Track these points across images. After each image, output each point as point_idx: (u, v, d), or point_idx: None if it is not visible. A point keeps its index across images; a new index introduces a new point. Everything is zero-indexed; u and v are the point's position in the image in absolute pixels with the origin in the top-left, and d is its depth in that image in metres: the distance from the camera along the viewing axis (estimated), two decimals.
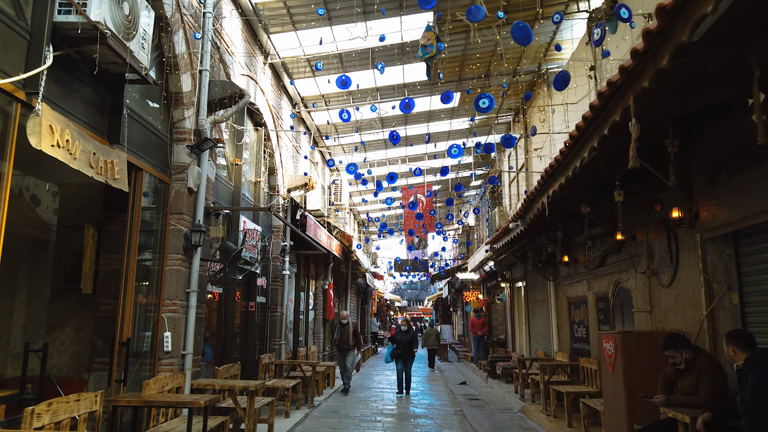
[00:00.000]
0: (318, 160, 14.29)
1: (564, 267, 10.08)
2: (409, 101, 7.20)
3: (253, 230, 8.77)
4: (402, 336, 12.22)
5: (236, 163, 8.26)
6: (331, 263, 15.74)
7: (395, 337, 12.50)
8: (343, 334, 12.12)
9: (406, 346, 12.10)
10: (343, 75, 6.91)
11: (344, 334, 12.10)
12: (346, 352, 12.14)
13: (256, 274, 9.15)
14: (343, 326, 12.13)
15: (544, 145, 11.75)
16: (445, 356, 23.56)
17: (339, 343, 12.14)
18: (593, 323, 8.84)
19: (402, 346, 12.09)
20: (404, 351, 12.10)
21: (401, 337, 12.23)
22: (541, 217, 7.35)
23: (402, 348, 12.10)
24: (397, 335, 12.46)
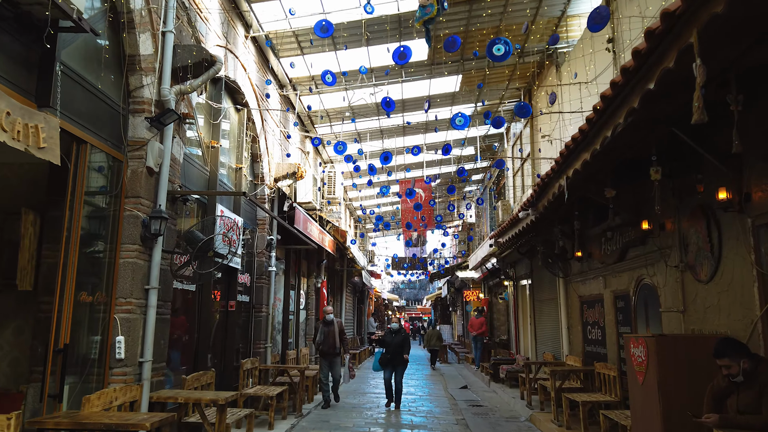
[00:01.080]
0: (310, 149, 13.40)
1: (576, 263, 9.21)
2: (405, 49, 6.24)
3: (231, 221, 7.88)
4: (392, 338, 10.24)
5: (213, 146, 7.38)
6: (324, 260, 14.86)
7: (384, 339, 10.46)
8: (327, 336, 9.95)
9: (396, 350, 10.11)
10: (323, 20, 5.98)
11: (329, 335, 9.94)
12: (332, 357, 10.03)
13: (237, 270, 8.26)
14: (327, 325, 9.97)
15: (552, 132, 10.88)
16: (445, 357, 22.69)
17: (323, 347, 10.00)
18: (610, 324, 7.98)
19: (391, 350, 10.13)
20: (394, 356, 10.11)
21: (391, 339, 10.24)
22: (557, 204, 6.48)
23: (391, 352, 10.13)
24: (386, 337, 10.42)
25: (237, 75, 7.99)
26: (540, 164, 11.53)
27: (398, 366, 10.19)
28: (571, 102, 9.02)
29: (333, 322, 10.01)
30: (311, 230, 11.19)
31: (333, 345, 9.97)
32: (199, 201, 7.17)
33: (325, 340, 9.92)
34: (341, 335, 10.11)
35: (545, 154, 10.95)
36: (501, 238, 9.65)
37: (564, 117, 8.56)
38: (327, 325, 10.00)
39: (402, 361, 10.19)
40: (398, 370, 10.19)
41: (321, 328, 9.96)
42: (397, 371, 10.19)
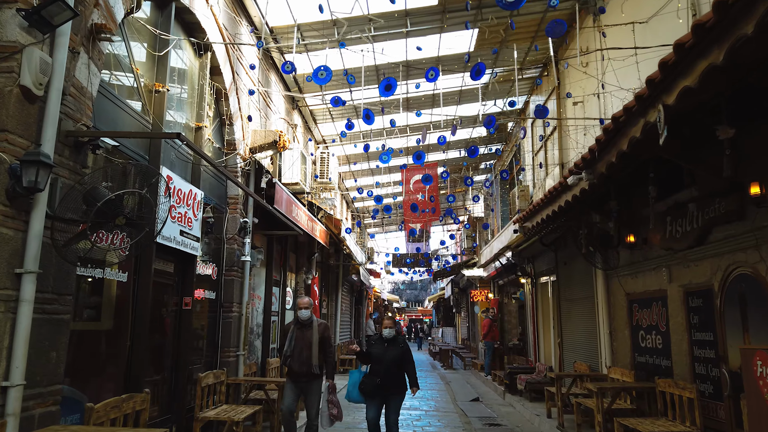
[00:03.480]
0: (298, 121, 11.55)
1: (624, 251, 7.39)
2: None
3: (186, 193, 6.05)
4: (382, 350, 6.21)
5: (158, 90, 5.54)
6: (315, 253, 13.01)
7: (370, 351, 6.36)
8: (299, 345, 6.10)
9: (389, 371, 6.07)
10: None
11: (302, 344, 6.11)
12: (305, 382, 6.11)
13: (195, 257, 6.42)
14: (302, 327, 6.18)
15: (584, 99, 9.05)
16: (449, 363, 20.83)
17: (292, 364, 6.11)
18: (678, 329, 6.14)
19: (382, 370, 6.05)
20: (387, 380, 6.04)
21: (381, 351, 6.19)
22: (625, 162, 4.66)
23: (383, 374, 6.03)
24: (373, 348, 6.37)
25: (195, 4, 6.16)
26: (568, 139, 9.71)
27: (392, 398, 6.09)
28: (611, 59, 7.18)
29: (311, 324, 6.18)
30: (298, 215, 9.36)
31: (308, 360, 6.02)
32: (138, 164, 5.33)
33: (296, 351, 6.07)
34: (324, 345, 6.24)
35: (578, 125, 9.12)
36: (529, 221, 7.80)
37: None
38: (301, 328, 6.16)
39: (398, 389, 6.12)
40: (392, 403, 6.10)
41: (292, 330, 6.21)
42: (389, 406, 6.11)
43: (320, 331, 6.26)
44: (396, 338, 6.36)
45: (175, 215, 5.73)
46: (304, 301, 6.34)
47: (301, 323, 6.21)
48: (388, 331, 6.35)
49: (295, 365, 6.09)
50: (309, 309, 6.25)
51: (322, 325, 6.39)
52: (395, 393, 6.16)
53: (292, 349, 6.10)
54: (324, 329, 6.33)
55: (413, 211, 12.87)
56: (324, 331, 6.33)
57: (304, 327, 6.19)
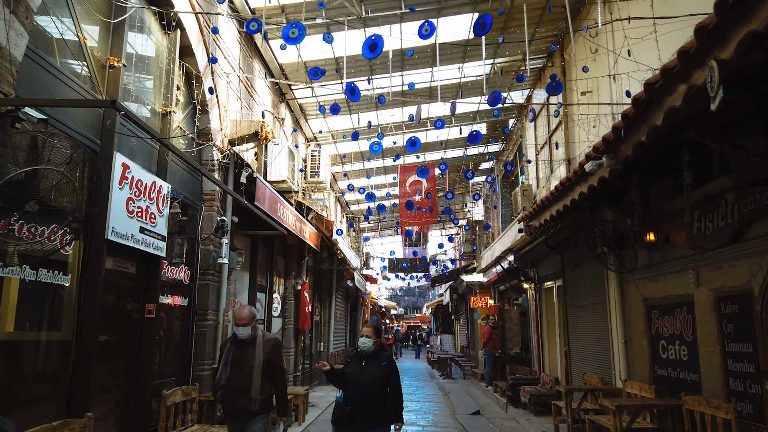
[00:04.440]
0: (286, 115, 10.83)
1: (642, 251, 6.66)
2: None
3: (149, 185, 5.31)
4: (359, 369, 4.48)
5: (112, 65, 4.81)
6: (306, 257, 12.26)
7: (345, 371, 4.56)
8: (237, 367, 4.50)
9: (365, 396, 4.34)
10: None
11: (239, 366, 4.49)
12: (245, 420, 4.50)
13: (160, 258, 5.67)
14: (242, 347, 4.55)
15: (591, 90, 8.36)
16: (448, 372, 20.03)
17: (223, 397, 4.53)
18: (708, 339, 5.41)
19: (355, 394, 4.34)
20: (361, 410, 4.31)
21: (358, 371, 4.47)
22: (653, 146, 3.94)
23: (355, 400, 4.32)
24: (348, 367, 4.58)
25: None
26: (575, 134, 9.00)
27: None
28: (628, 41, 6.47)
29: (255, 342, 4.54)
30: (284, 215, 8.62)
31: (246, 392, 4.42)
32: (89, 148, 4.60)
33: (232, 379, 4.47)
34: (272, 370, 4.57)
35: (583, 120, 8.40)
36: (536, 219, 7.05)
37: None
38: (241, 347, 4.54)
39: (378, 423, 4.37)
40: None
41: (228, 351, 4.57)
42: None
43: (266, 351, 4.50)
44: (378, 353, 4.51)
45: (133, 209, 4.99)
46: (242, 314, 4.50)
47: (240, 341, 4.53)
48: (364, 343, 4.48)
49: (229, 399, 4.45)
50: (249, 325, 4.49)
51: (270, 342, 4.61)
52: (373, 428, 4.32)
53: (226, 377, 4.45)
54: (272, 348, 4.58)
55: (409, 209, 12.12)
56: (272, 350, 4.56)
57: (245, 346, 4.52)
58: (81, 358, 4.40)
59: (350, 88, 5.44)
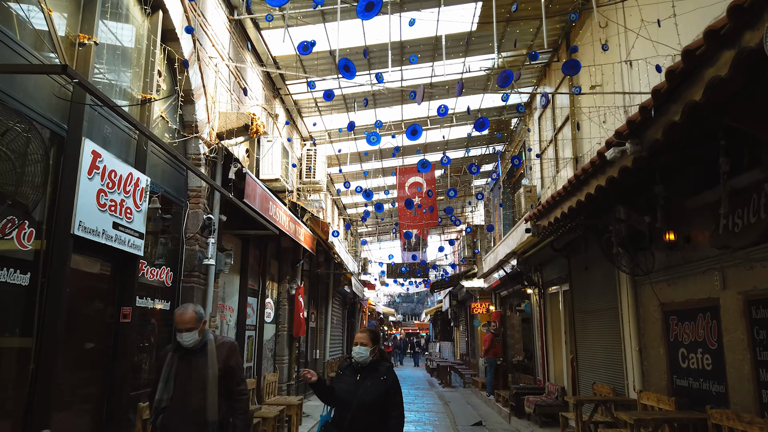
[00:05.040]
0: (280, 113, 10.36)
1: (659, 252, 6.19)
2: None
3: (125, 177, 4.84)
4: (352, 384, 3.60)
5: (82, 42, 4.35)
6: (301, 261, 11.78)
7: (336, 387, 3.68)
8: (183, 382, 3.56)
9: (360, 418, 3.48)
10: None
11: (187, 380, 3.56)
12: None
13: (137, 258, 5.19)
14: (187, 358, 3.61)
15: (602, 83, 7.92)
16: (448, 380, 19.50)
17: (166, 421, 3.52)
18: (736, 347, 4.94)
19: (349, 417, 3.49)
20: None
21: (350, 386, 3.60)
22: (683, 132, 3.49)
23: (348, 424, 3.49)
24: (340, 381, 3.70)
25: None
26: (583, 128, 8.56)
27: None
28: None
29: (205, 349, 3.63)
30: (277, 215, 8.16)
31: (199, 414, 3.47)
32: (54, 133, 4.14)
33: (177, 398, 3.56)
34: (230, 383, 3.68)
35: (592, 116, 7.96)
36: (545, 218, 6.58)
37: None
38: (186, 358, 3.64)
39: None
40: None
41: (169, 363, 3.62)
42: None
43: (221, 359, 3.61)
44: (376, 365, 3.65)
45: (105, 203, 4.52)
46: (185, 316, 3.56)
47: (185, 349, 3.60)
48: (359, 353, 3.62)
49: (175, 426, 3.49)
50: (194, 330, 3.56)
51: (225, 346, 3.70)
52: None
53: (168, 398, 3.52)
54: (228, 354, 3.67)
55: (409, 208, 11.64)
56: (228, 357, 3.66)
57: (192, 356, 3.59)
58: (42, 367, 3.91)
59: (344, 64, 4.98)
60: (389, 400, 3.56)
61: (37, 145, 3.88)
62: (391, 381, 3.61)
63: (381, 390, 3.55)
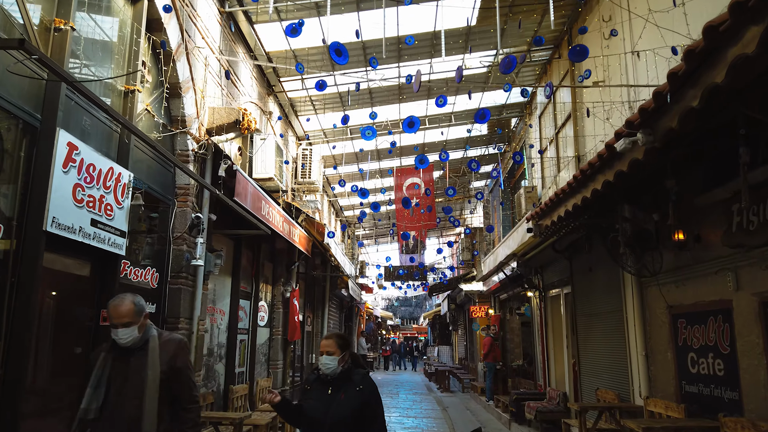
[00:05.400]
0: (274, 110, 10.10)
1: (667, 253, 5.93)
2: None
3: (105, 172, 4.57)
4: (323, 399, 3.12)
5: (58, 27, 4.09)
6: (296, 263, 11.51)
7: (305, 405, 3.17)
8: (118, 387, 2.98)
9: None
10: None
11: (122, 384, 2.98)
12: None
13: (118, 257, 4.92)
14: (123, 358, 3.03)
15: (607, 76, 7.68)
16: (446, 385, 19.21)
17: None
18: (751, 351, 4.68)
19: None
20: None
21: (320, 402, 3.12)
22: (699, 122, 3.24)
23: None
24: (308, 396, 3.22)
25: None
26: (585, 127, 8.32)
27: None
28: None
29: (146, 347, 3.02)
30: (270, 214, 7.90)
31: (135, 425, 2.88)
32: (27, 123, 3.88)
33: (109, 407, 2.97)
34: (177, 388, 3.09)
35: (596, 112, 7.71)
36: (547, 218, 6.32)
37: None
38: (124, 358, 3.03)
39: None
40: None
41: (102, 364, 3.01)
42: None
43: (165, 359, 3.02)
44: (348, 375, 3.18)
45: (82, 198, 4.25)
46: (121, 308, 2.98)
47: (123, 349, 3.02)
48: (326, 364, 3.16)
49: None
50: (133, 326, 2.99)
51: (172, 344, 3.12)
52: None
53: (98, 406, 2.95)
54: (175, 354, 3.09)
55: (406, 207, 11.37)
56: (175, 357, 3.08)
57: (129, 356, 3.02)
58: (8, 375, 3.63)
59: (335, 48, 4.73)
60: (368, 412, 3.10)
61: (7, 134, 3.61)
62: (368, 391, 3.15)
63: (357, 402, 3.08)
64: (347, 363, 3.23)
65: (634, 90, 6.84)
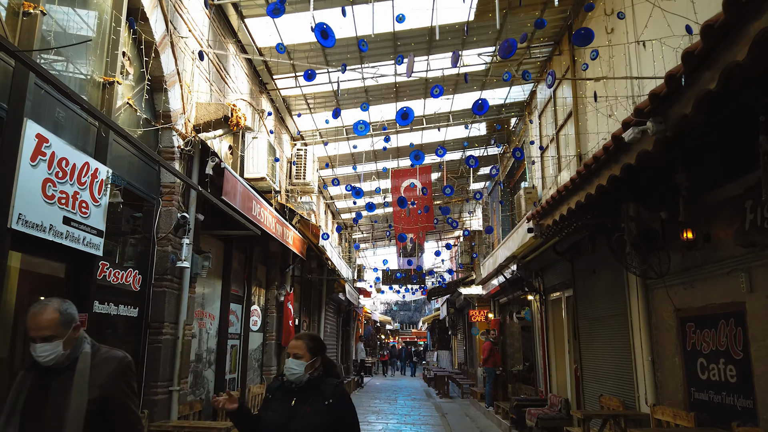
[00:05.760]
0: (267, 107, 9.84)
1: (675, 253, 5.67)
2: None
3: (79, 167, 4.30)
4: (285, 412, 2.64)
5: (27, 11, 3.83)
6: (290, 266, 11.22)
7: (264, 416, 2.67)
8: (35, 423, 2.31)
9: None
10: None
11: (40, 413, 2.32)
12: None
13: (95, 258, 4.64)
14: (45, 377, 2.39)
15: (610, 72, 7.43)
16: (446, 391, 18.89)
17: None
18: (766, 357, 4.40)
19: None
20: None
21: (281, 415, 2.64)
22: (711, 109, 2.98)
23: None
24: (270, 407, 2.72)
25: None
26: (587, 124, 8.07)
27: None
28: None
29: (74, 368, 2.38)
30: (261, 215, 7.62)
31: None
32: None
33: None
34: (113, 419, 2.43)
35: (598, 107, 7.46)
36: (549, 217, 6.05)
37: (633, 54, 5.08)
38: (44, 381, 2.40)
39: None
40: None
41: (18, 387, 2.39)
42: None
43: (98, 382, 2.39)
44: (318, 384, 2.70)
45: (53, 194, 3.98)
46: (41, 318, 2.38)
47: (45, 369, 2.40)
48: (291, 369, 2.69)
49: None
50: (56, 340, 2.37)
51: (109, 364, 2.47)
52: None
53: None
54: (111, 377, 2.43)
55: (402, 207, 11.09)
56: (110, 381, 2.43)
57: (52, 378, 2.40)
58: None
59: (321, 29, 4.46)
60: (339, 427, 2.61)
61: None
62: (340, 406, 2.64)
63: (325, 419, 2.58)
64: (317, 370, 2.74)
65: (638, 85, 6.60)
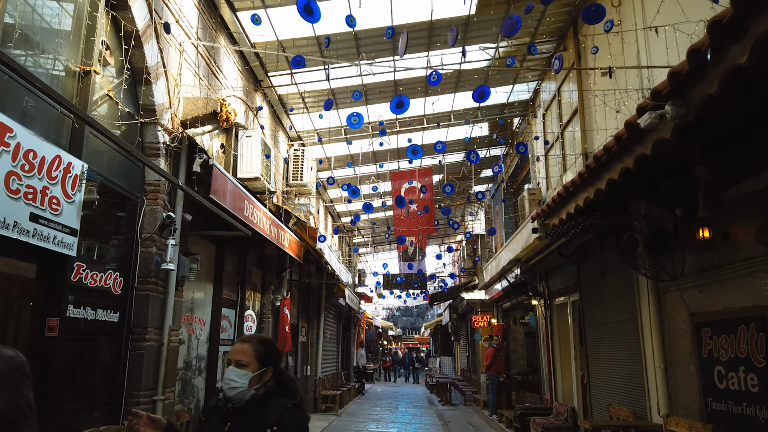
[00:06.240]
0: (261, 103, 9.53)
1: (690, 254, 5.33)
2: None
3: (49, 160, 3.99)
4: None
5: None
6: (287, 269, 10.90)
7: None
8: None
9: None
10: None
11: None
12: None
13: (68, 259, 4.33)
14: None
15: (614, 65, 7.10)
16: (448, 398, 18.48)
17: None
18: None
19: None
20: None
21: None
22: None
23: None
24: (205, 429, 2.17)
25: None
26: (593, 122, 7.75)
27: None
28: None
29: None
30: (255, 216, 7.31)
31: None
32: None
33: None
34: None
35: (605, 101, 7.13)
36: (555, 215, 5.72)
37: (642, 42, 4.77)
38: None
39: None
40: None
41: None
42: None
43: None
44: (261, 405, 2.07)
45: (18, 188, 3.67)
46: None
47: None
48: (230, 380, 2.07)
49: None
50: None
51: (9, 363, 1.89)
52: None
53: None
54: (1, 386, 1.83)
55: (400, 207, 10.76)
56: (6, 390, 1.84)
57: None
58: None
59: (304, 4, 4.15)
60: None
61: None
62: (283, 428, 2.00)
63: None
64: (266, 386, 2.11)
65: (648, 78, 6.28)
